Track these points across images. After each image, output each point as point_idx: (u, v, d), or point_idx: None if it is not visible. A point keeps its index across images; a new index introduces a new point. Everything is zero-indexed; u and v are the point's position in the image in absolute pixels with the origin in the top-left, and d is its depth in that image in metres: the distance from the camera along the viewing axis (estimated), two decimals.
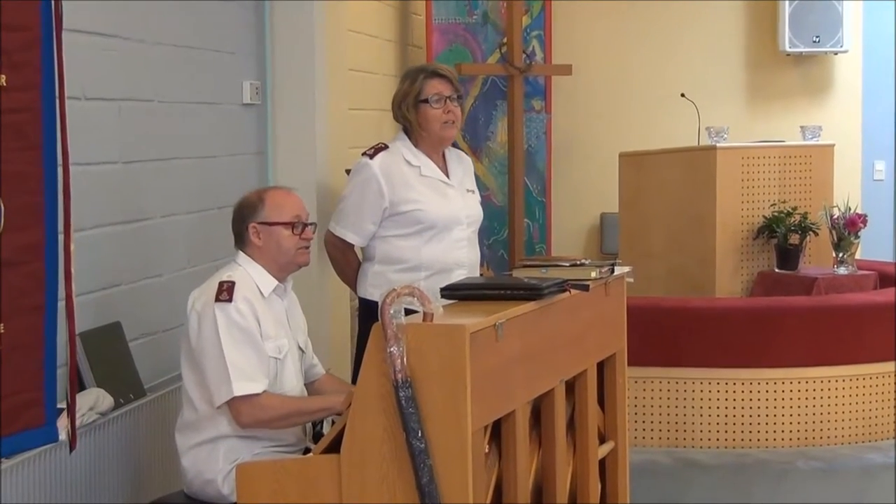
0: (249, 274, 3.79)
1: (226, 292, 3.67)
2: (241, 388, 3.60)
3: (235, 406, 3.62)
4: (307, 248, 3.89)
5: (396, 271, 4.54)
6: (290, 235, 3.83)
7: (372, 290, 4.58)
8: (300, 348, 3.95)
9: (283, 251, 3.83)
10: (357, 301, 4.80)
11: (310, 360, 4.05)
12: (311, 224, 3.91)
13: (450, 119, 4.61)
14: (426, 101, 4.58)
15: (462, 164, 4.77)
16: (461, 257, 4.62)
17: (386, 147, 4.62)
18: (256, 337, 3.68)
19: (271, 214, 3.84)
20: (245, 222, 3.85)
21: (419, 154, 4.63)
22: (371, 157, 4.59)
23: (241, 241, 3.87)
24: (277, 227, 3.83)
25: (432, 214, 4.56)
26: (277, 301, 3.86)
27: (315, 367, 4.07)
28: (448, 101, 4.60)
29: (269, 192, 3.92)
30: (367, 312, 4.58)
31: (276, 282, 3.83)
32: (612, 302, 4.05)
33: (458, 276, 4.48)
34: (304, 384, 4.00)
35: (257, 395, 3.63)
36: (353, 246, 4.71)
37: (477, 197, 4.79)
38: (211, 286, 3.73)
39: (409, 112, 4.59)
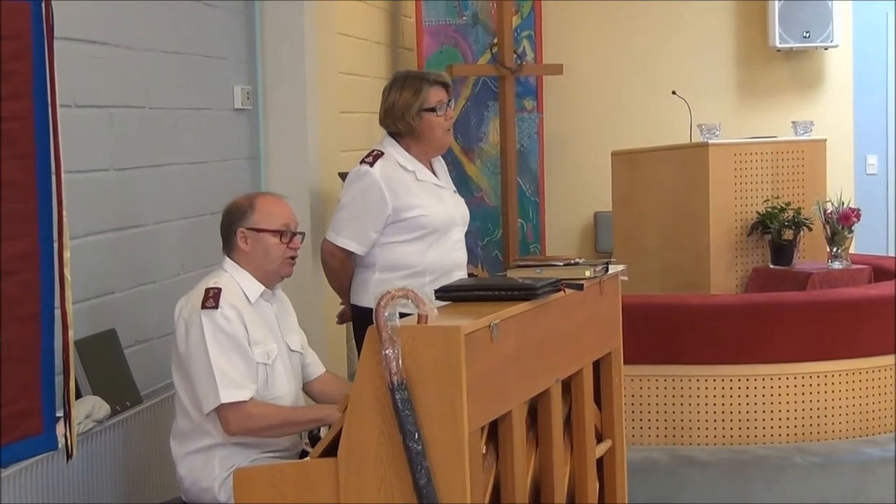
0: (236, 280, 3.77)
1: (212, 299, 3.66)
2: (228, 396, 3.60)
3: (223, 413, 3.61)
4: (293, 258, 3.87)
5: (401, 277, 4.42)
6: (277, 243, 3.81)
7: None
8: (292, 350, 3.92)
9: (269, 259, 3.81)
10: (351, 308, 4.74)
11: (306, 358, 4.03)
12: (299, 233, 3.89)
13: (449, 125, 4.62)
14: (432, 110, 4.57)
15: (443, 167, 4.78)
16: (459, 259, 4.64)
17: (382, 154, 4.57)
18: (243, 343, 3.66)
19: (260, 221, 3.81)
20: (233, 226, 3.83)
21: (412, 159, 4.61)
22: (371, 164, 4.53)
23: (228, 246, 3.85)
24: (265, 234, 3.80)
25: (434, 218, 4.55)
26: (266, 305, 3.84)
27: (312, 364, 4.05)
28: (447, 107, 4.61)
29: (259, 198, 3.88)
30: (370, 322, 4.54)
31: (262, 287, 3.81)
32: (607, 300, 4.05)
33: (457, 277, 4.48)
34: (305, 383, 4.00)
35: (245, 402, 3.62)
36: (352, 255, 4.61)
37: (461, 197, 4.80)
38: (197, 293, 3.71)
39: (413, 120, 4.56)
